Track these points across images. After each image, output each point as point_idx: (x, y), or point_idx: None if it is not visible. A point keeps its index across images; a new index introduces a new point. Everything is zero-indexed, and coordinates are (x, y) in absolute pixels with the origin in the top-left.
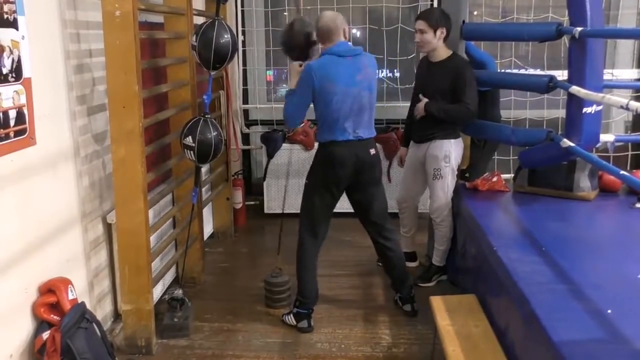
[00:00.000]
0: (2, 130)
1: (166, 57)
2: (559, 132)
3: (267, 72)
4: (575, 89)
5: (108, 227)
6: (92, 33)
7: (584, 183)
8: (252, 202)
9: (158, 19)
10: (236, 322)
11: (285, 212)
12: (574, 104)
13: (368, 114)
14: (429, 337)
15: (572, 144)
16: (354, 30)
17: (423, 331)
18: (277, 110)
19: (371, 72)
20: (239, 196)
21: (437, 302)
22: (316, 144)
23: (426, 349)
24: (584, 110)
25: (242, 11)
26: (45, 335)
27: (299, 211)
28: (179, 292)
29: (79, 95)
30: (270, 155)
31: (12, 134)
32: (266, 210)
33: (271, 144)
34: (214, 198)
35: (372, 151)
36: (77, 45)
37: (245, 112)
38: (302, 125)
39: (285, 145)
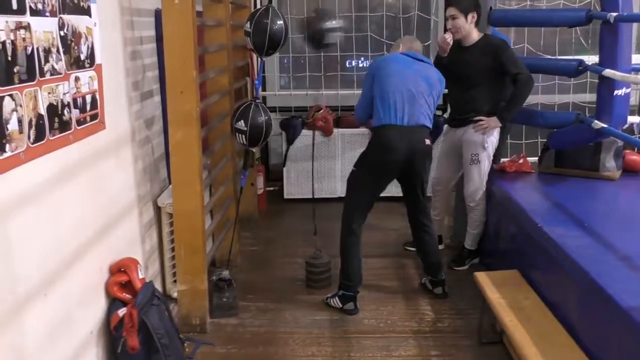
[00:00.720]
0: (81, 114)
1: (204, 44)
2: None
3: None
4: (609, 72)
5: (158, 210)
6: (143, 20)
7: (610, 163)
8: (272, 188)
9: (198, 7)
10: (280, 301)
11: (308, 197)
12: (605, 86)
13: (424, 104)
14: (469, 312)
15: (604, 125)
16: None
17: (463, 306)
18: (295, 98)
19: (433, 71)
20: (260, 182)
21: (483, 278)
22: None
23: (470, 322)
24: (615, 92)
25: None
26: (121, 312)
27: (321, 196)
28: (225, 273)
29: (133, 81)
30: (290, 142)
31: (88, 119)
32: (286, 196)
33: (291, 130)
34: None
35: (427, 141)
36: (132, 32)
37: (263, 99)
38: (321, 112)
39: (304, 132)
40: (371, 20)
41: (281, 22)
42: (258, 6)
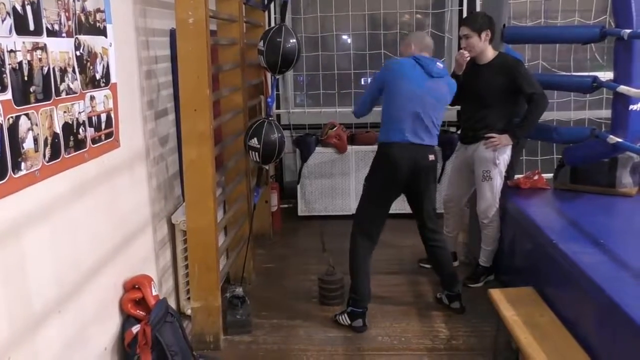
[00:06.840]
0: (96, 133)
1: (219, 62)
2: None
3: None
4: (623, 88)
5: (172, 228)
6: (158, 40)
7: (626, 179)
8: (286, 205)
9: (212, 26)
10: (294, 318)
11: (321, 214)
12: (620, 102)
13: (431, 121)
14: (484, 330)
15: (620, 140)
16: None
17: (478, 324)
18: (309, 115)
19: (444, 87)
20: (274, 199)
21: (498, 295)
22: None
23: (484, 340)
24: (630, 107)
25: (275, 18)
26: (135, 329)
27: (335, 213)
28: (239, 290)
29: (148, 100)
30: (304, 159)
31: (103, 137)
32: (300, 213)
33: (305, 147)
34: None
35: (431, 157)
36: (147, 52)
37: (277, 117)
38: (335, 129)
39: (318, 149)
40: (385, 38)
41: (294, 40)
42: (272, 25)
